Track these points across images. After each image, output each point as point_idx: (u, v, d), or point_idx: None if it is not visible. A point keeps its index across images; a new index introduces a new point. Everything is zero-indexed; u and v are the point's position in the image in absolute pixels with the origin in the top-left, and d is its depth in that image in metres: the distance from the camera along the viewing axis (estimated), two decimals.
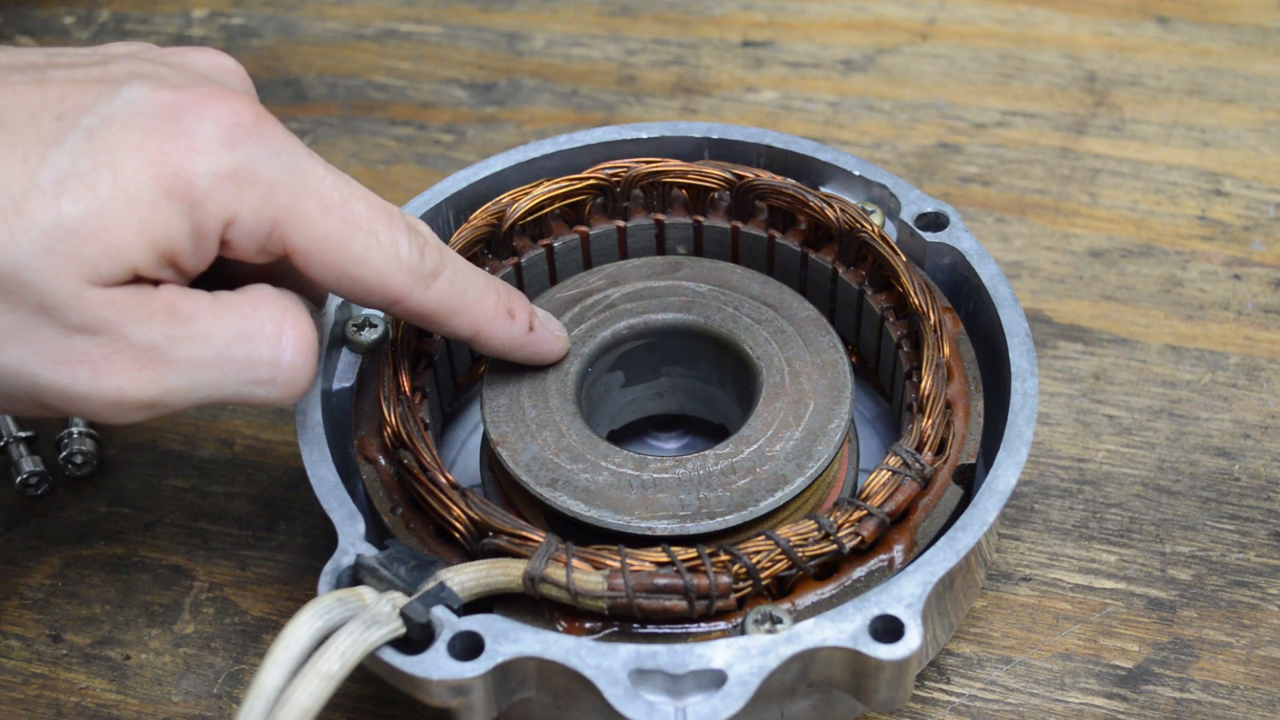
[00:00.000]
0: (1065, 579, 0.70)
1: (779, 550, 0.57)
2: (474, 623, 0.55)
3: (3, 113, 0.51)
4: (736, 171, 0.70)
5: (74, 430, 0.75)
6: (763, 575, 0.57)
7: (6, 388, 0.52)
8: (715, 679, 0.54)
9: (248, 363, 0.54)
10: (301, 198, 0.54)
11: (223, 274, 0.56)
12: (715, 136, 0.74)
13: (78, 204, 0.50)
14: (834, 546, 0.58)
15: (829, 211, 0.68)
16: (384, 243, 0.56)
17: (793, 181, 0.70)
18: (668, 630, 0.57)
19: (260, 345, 0.54)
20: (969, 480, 0.63)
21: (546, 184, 0.70)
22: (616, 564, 0.56)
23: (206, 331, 0.53)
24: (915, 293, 0.65)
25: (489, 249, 0.70)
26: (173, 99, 0.52)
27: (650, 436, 0.73)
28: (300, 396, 0.56)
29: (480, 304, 0.60)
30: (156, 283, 0.52)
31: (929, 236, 0.69)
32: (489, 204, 0.70)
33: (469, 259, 0.69)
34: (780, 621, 0.57)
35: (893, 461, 0.60)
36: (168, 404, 0.53)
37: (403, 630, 0.54)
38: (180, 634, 0.69)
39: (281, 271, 0.58)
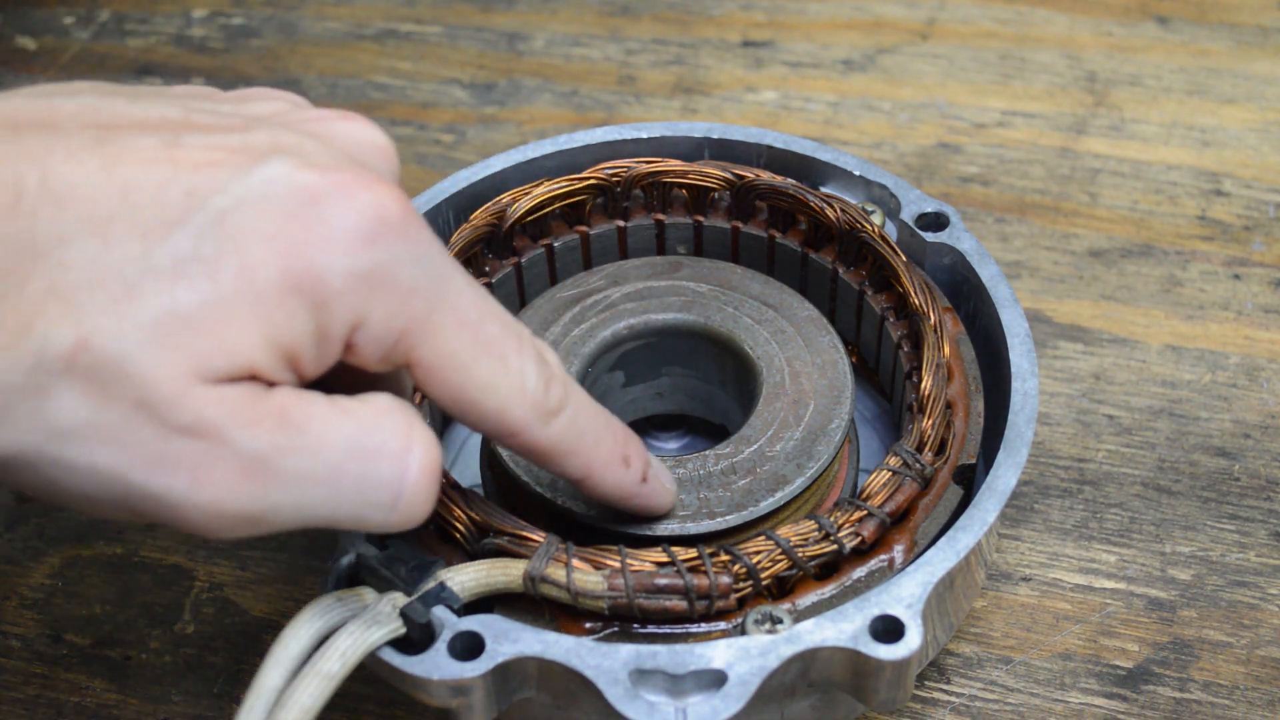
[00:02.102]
0: (1065, 579, 0.70)
1: (779, 550, 0.57)
2: (474, 623, 0.55)
3: (128, 186, 0.46)
4: (736, 171, 0.70)
5: None
6: (763, 575, 0.57)
7: (94, 490, 0.46)
8: (715, 679, 0.54)
9: (365, 481, 0.48)
10: (438, 309, 0.48)
11: (327, 379, 0.50)
12: (715, 136, 0.74)
13: (195, 292, 0.45)
14: (834, 546, 0.58)
15: (829, 211, 0.68)
16: (511, 370, 0.51)
17: (793, 181, 0.70)
18: (668, 630, 0.57)
19: (382, 463, 0.48)
20: (969, 480, 0.63)
21: (546, 184, 0.70)
22: (617, 564, 0.56)
23: (321, 443, 0.47)
24: (915, 293, 0.65)
25: (489, 249, 0.70)
26: (314, 182, 0.47)
27: (650, 436, 0.73)
28: (417, 524, 0.50)
29: (597, 448, 0.55)
30: (270, 384, 0.47)
31: (929, 236, 0.69)
32: (489, 204, 0.70)
33: (469, 259, 0.69)
34: (780, 621, 0.57)
35: (893, 461, 0.60)
36: (270, 522, 0.47)
37: (403, 630, 0.54)
38: (180, 634, 0.69)
39: (376, 380, 0.53)
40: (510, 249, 0.70)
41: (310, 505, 0.47)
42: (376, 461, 0.48)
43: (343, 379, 0.51)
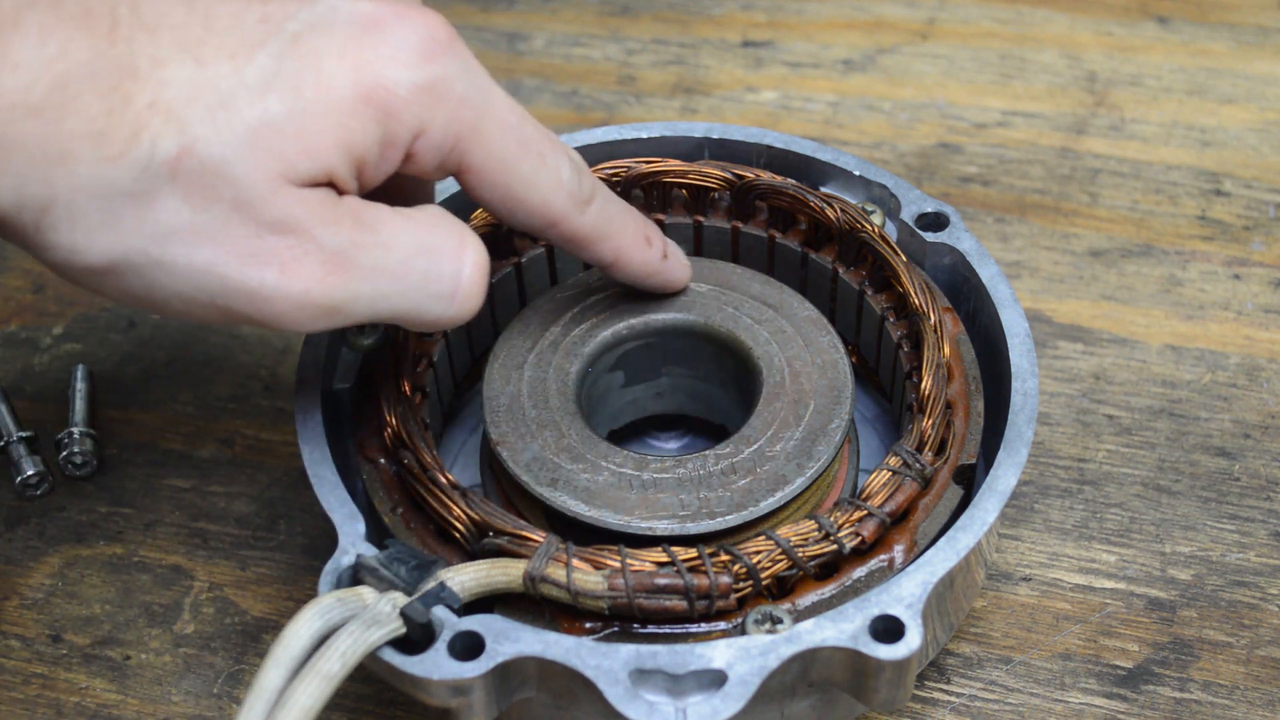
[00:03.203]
0: (1065, 579, 0.70)
1: (779, 550, 0.57)
2: (474, 623, 0.55)
3: (209, 15, 0.51)
4: (736, 171, 0.70)
5: (74, 430, 0.75)
6: (763, 575, 0.57)
7: (193, 289, 0.52)
8: (715, 679, 0.54)
9: (430, 275, 0.55)
10: (486, 117, 0.55)
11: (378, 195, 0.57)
12: (715, 136, 0.74)
13: (282, 103, 0.51)
14: (834, 546, 0.58)
15: (829, 211, 0.68)
16: (550, 166, 0.58)
17: (793, 181, 0.70)
18: (668, 630, 0.57)
19: (443, 259, 0.55)
20: (969, 480, 0.63)
21: None
22: (617, 564, 0.56)
23: (390, 241, 0.54)
24: (915, 293, 0.65)
25: (489, 249, 0.70)
26: (373, 9, 0.53)
27: (650, 436, 0.73)
28: (470, 318, 0.56)
29: (624, 230, 0.62)
30: (341, 193, 0.53)
31: (929, 236, 0.69)
32: None
33: None
34: (780, 621, 0.57)
35: (893, 461, 0.60)
36: (350, 311, 0.53)
37: (403, 630, 0.54)
38: (180, 634, 0.69)
39: (416, 197, 0.60)
40: (510, 249, 0.70)
41: (383, 296, 0.54)
42: (438, 257, 0.55)
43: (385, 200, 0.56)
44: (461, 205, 0.69)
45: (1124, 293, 0.82)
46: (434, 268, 0.55)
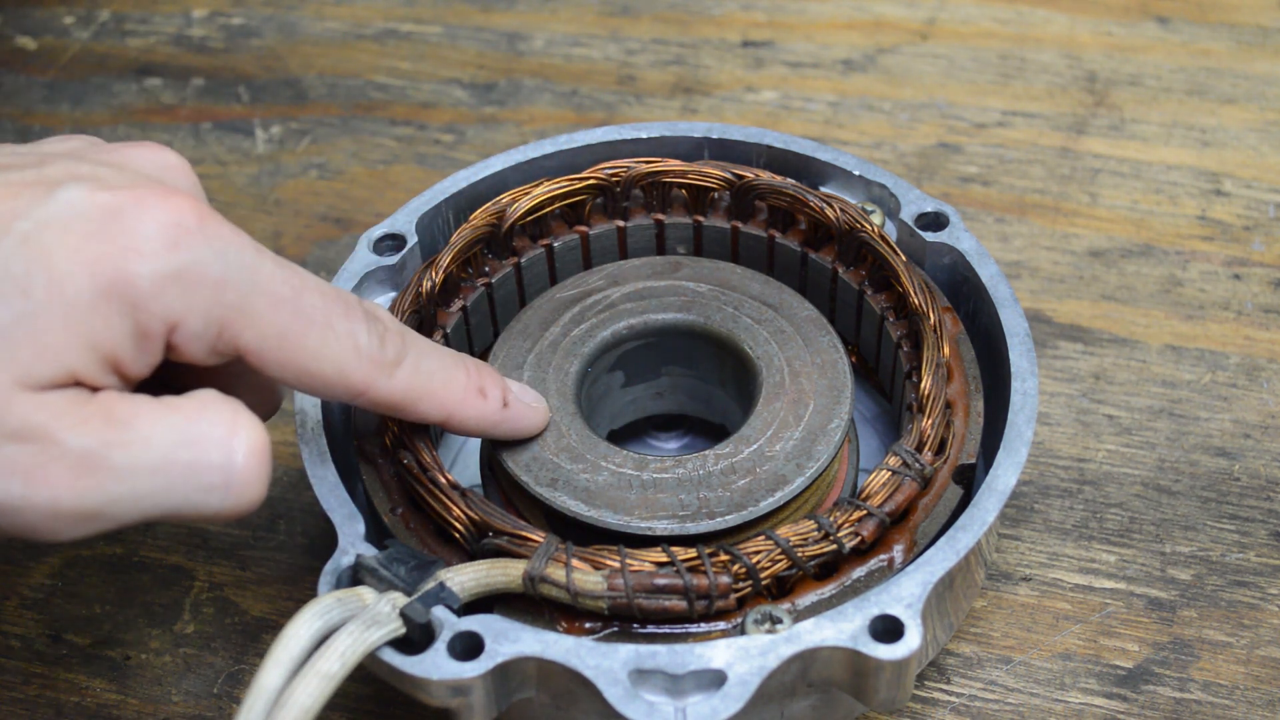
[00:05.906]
0: (1065, 579, 0.70)
1: (779, 550, 0.57)
2: (474, 623, 0.55)
3: None
4: (736, 171, 0.70)
5: None
6: (763, 575, 0.57)
7: None
8: (715, 679, 0.54)
9: (196, 467, 0.51)
10: (251, 295, 0.52)
11: (175, 381, 0.54)
12: (715, 136, 0.74)
13: (9, 307, 0.48)
14: (834, 546, 0.58)
15: (829, 211, 0.68)
16: (340, 333, 0.54)
17: (793, 181, 0.70)
18: (668, 630, 0.57)
19: (209, 449, 0.51)
20: (969, 480, 0.63)
21: (546, 184, 0.70)
22: (616, 564, 0.56)
23: (149, 436, 0.50)
24: (915, 293, 0.65)
25: (489, 249, 0.70)
26: (111, 200, 0.50)
27: (650, 436, 0.73)
28: (254, 508, 0.52)
29: (449, 386, 0.58)
30: (95, 390, 0.50)
31: (929, 236, 0.69)
32: (489, 204, 0.70)
33: (469, 259, 0.69)
34: (780, 621, 0.57)
35: (893, 461, 0.60)
36: (111, 515, 0.50)
37: (403, 630, 0.54)
38: (180, 634, 0.69)
39: (237, 373, 0.56)
40: (510, 249, 0.70)
41: (146, 495, 0.50)
42: (204, 448, 0.51)
43: (188, 383, 0.54)
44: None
45: (1124, 293, 0.82)
46: (200, 459, 0.51)
